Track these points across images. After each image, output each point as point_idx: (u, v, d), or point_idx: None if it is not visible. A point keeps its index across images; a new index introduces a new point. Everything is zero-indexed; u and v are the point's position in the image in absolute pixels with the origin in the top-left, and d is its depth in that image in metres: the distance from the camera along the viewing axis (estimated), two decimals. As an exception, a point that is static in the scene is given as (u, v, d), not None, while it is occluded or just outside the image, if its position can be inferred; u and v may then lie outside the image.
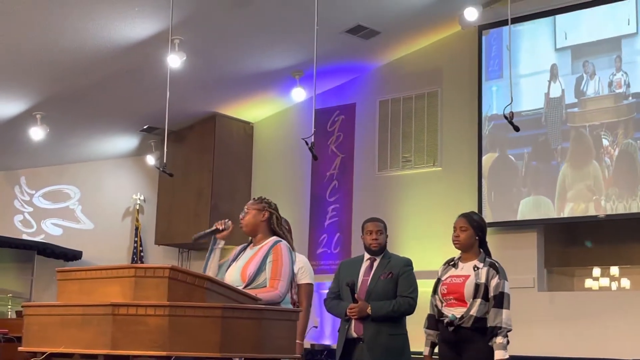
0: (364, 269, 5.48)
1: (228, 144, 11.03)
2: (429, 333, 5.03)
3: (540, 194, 8.59)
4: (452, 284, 4.88)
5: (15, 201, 12.52)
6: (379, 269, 5.40)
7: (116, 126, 11.16)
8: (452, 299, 4.84)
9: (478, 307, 4.75)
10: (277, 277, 4.57)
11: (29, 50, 8.77)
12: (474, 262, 4.90)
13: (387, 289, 5.32)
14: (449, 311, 4.84)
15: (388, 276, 5.35)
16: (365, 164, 10.20)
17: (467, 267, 4.90)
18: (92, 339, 3.67)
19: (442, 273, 5.02)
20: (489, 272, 4.82)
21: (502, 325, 4.71)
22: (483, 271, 4.82)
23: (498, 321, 4.72)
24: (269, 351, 3.88)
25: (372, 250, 5.46)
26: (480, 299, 4.76)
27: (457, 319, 4.77)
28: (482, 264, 4.87)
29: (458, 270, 4.94)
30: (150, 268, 3.82)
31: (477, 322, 4.74)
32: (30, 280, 11.68)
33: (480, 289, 4.77)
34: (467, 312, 4.76)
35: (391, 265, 5.40)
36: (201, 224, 10.72)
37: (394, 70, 10.13)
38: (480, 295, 4.76)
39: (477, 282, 4.79)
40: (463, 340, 4.77)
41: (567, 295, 8.78)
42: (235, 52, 9.28)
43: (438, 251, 8.80)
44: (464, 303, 4.79)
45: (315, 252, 10.38)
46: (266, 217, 4.83)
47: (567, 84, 8.56)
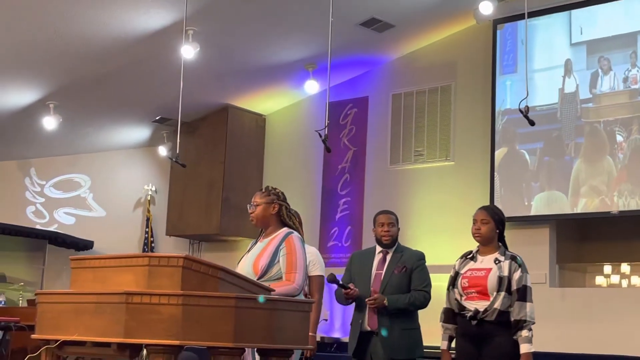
0: (377, 262, 5.45)
1: (240, 136, 11.02)
2: (447, 327, 4.98)
3: (552, 189, 8.56)
4: (473, 277, 4.83)
5: (27, 192, 12.56)
6: (392, 262, 5.37)
7: (129, 117, 11.18)
8: (474, 292, 4.79)
9: (502, 301, 4.71)
10: (293, 270, 4.58)
11: (42, 40, 8.77)
12: (495, 255, 4.85)
13: (402, 283, 5.30)
14: (471, 305, 4.79)
15: (402, 270, 5.32)
16: (377, 158, 10.18)
17: (488, 260, 4.86)
18: (106, 327, 3.67)
19: (460, 266, 4.96)
20: (511, 265, 4.78)
21: (527, 319, 4.68)
22: (505, 264, 4.79)
23: (523, 314, 4.68)
24: (281, 342, 3.87)
25: (384, 243, 5.43)
26: (504, 292, 4.73)
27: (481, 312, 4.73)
28: (504, 257, 4.83)
29: (478, 263, 4.89)
30: (164, 257, 3.82)
31: (500, 315, 4.71)
32: (41, 270, 11.71)
33: (504, 282, 4.74)
34: (491, 306, 4.72)
35: (404, 259, 5.37)
36: (212, 215, 10.75)
37: (408, 64, 10.10)
38: (503, 289, 4.73)
39: (501, 275, 4.75)
40: (485, 334, 4.74)
41: (579, 292, 8.75)
42: (249, 43, 9.27)
43: (450, 245, 8.80)
44: (486, 296, 4.75)
45: (326, 245, 10.37)
46: (276, 209, 4.82)
47: (581, 79, 8.52)
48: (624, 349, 7.74)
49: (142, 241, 11.76)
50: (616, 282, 9.25)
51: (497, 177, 8.92)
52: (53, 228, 12.13)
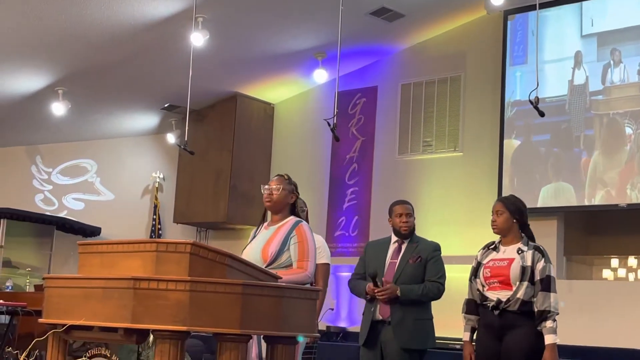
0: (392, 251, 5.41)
1: (248, 124, 11.02)
2: (469, 318, 4.93)
3: (561, 181, 8.54)
4: (496, 267, 4.79)
5: (34, 181, 12.59)
6: (407, 252, 5.33)
7: (137, 104, 11.18)
8: (496, 282, 4.75)
9: (525, 291, 4.68)
10: (304, 258, 4.62)
11: (52, 26, 8.77)
12: (518, 246, 4.82)
13: (416, 274, 5.25)
14: (493, 295, 4.76)
15: (417, 260, 5.27)
16: (385, 148, 10.16)
17: (510, 250, 4.82)
18: (113, 313, 3.67)
19: (483, 257, 4.92)
20: (534, 255, 4.74)
21: (551, 309, 4.64)
22: (528, 254, 4.75)
23: (547, 305, 4.65)
24: (288, 329, 3.87)
25: (402, 233, 5.39)
26: (527, 282, 4.70)
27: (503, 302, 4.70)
28: (527, 247, 4.80)
29: (500, 253, 4.85)
30: (172, 243, 3.81)
31: (522, 305, 4.68)
32: (49, 255, 11.75)
33: (527, 272, 4.70)
34: (514, 295, 4.68)
35: (419, 249, 5.33)
36: (220, 203, 10.76)
37: (417, 54, 10.07)
38: (526, 279, 4.69)
39: (524, 264, 4.72)
40: (507, 325, 4.71)
41: (586, 284, 8.73)
42: (259, 31, 9.25)
43: (458, 236, 8.80)
44: (508, 286, 4.71)
45: (333, 235, 10.37)
46: (293, 200, 4.87)
47: (591, 71, 8.48)
48: (630, 342, 7.72)
49: (149, 228, 11.78)
50: (623, 275, 9.23)
51: (505, 168, 8.90)
52: (63, 214, 12.17)
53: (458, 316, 5.14)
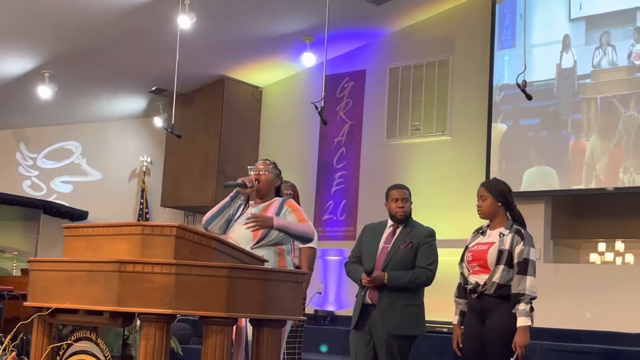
0: (386, 235, 5.37)
1: (236, 108, 10.98)
2: (458, 302, 4.93)
3: (548, 165, 8.55)
4: (477, 251, 4.79)
5: (20, 168, 12.51)
6: (401, 237, 5.29)
7: (124, 87, 11.12)
8: (477, 266, 4.75)
9: (501, 274, 4.68)
10: (305, 220, 4.83)
11: (39, 9, 8.70)
12: (501, 229, 4.82)
13: (406, 259, 5.21)
14: (473, 278, 4.77)
15: (408, 246, 5.23)
16: (373, 132, 10.15)
17: (494, 234, 4.81)
18: (98, 296, 3.65)
19: (471, 241, 4.93)
20: (513, 239, 4.73)
21: (525, 292, 4.64)
22: (508, 237, 4.74)
23: (521, 288, 4.64)
24: (274, 312, 3.86)
25: (398, 218, 5.36)
26: (504, 265, 4.69)
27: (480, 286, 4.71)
28: (508, 231, 4.80)
29: (485, 237, 4.85)
30: (157, 226, 3.79)
31: (499, 289, 4.67)
32: (35, 239, 11.70)
33: (504, 255, 4.69)
34: (490, 279, 4.68)
35: (413, 234, 5.28)
36: (207, 187, 10.73)
37: (406, 38, 10.04)
38: (503, 262, 4.68)
39: (501, 248, 4.71)
40: (486, 308, 4.71)
41: (573, 268, 8.76)
42: (246, 14, 9.20)
43: (446, 220, 8.80)
44: (486, 269, 4.71)
45: (321, 219, 10.36)
46: (278, 184, 5.00)
47: (580, 55, 8.48)
48: (616, 326, 7.75)
49: (137, 212, 11.75)
50: (610, 259, 9.26)
51: (493, 152, 8.90)
52: (52, 198, 12.12)
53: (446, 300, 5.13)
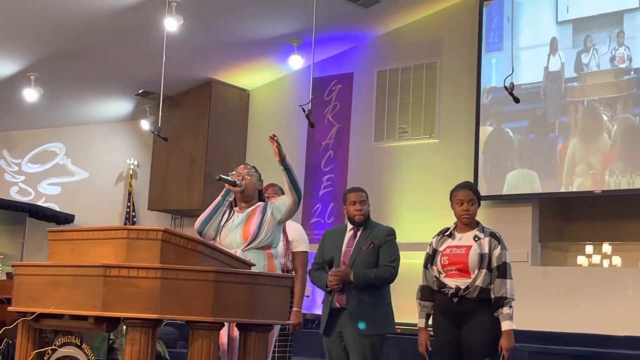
0: (347, 239, 5.36)
1: (223, 111, 10.95)
2: (424, 305, 4.91)
3: (536, 168, 8.55)
4: (453, 254, 4.76)
5: (5, 175, 12.45)
6: (362, 239, 5.29)
7: (111, 90, 11.07)
8: (454, 269, 4.73)
9: (483, 278, 4.67)
10: None
11: (24, 10, 8.64)
12: (474, 232, 4.80)
13: (370, 260, 5.21)
14: (451, 282, 4.74)
15: (370, 246, 5.24)
16: (361, 134, 10.13)
17: (467, 237, 4.80)
18: (83, 300, 3.62)
19: (438, 244, 4.90)
20: (491, 242, 4.74)
21: (507, 296, 4.65)
22: (485, 241, 4.74)
23: (503, 292, 4.65)
24: (261, 317, 3.83)
25: (356, 221, 5.36)
26: (485, 269, 4.69)
27: (462, 290, 4.69)
28: (483, 234, 4.79)
29: (457, 240, 4.82)
30: (143, 230, 3.76)
31: (481, 292, 4.67)
32: (21, 243, 11.63)
33: (485, 259, 4.69)
34: (473, 283, 4.67)
35: (373, 234, 5.28)
36: (194, 190, 10.69)
37: (393, 40, 10.03)
38: (485, 266, 4.69)
39: (481, 252, 4.71)
40: (466, 312, 4.70)
41: (561, 270, 8.76)
42: (233, 17, 9.17)
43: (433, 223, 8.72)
44: (466, 274, 4.70)
45: (309, 222, 10.34)
46: (261, 187, 5.06)
47: (567, 57, 8.48)
48: (604, 328, 7.76)
49: (123, 215, 11.70)
50: (597, 261, 9.27)
51: (481, 155, 8.90)
52: (42, 202, 12.07)
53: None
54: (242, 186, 4.87)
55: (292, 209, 4.85)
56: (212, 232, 4.87)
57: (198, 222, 4.90)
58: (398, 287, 5.50)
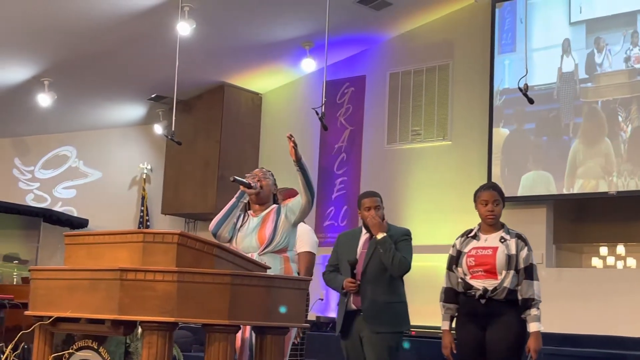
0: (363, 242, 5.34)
1: (236, 114, 10.96)
2: (448, 307, 4.88)
3: (550, 169, 8.52)
4: (480, 255, 4.73)
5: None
6: None
7: (124, 94, 11.10)
8: (481, 271, 4.70)
9: (511, 279, 4.66)
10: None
11: (37, 16, 8.68)
12: (499, 234, 4.77)
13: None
14: (478, 283, 4.72)
15: None
16: (374, 137, 10.13)
17: (492, 238, 4.77)
18: (100, 304, 3.63)
19: (462, 245, 4.86)
20: (517, 244, 4.71)
21: (535, 297, 4.64)
22: (512, 242, 4.71)
23: (530, 293, 4.64)
24: (277, 319, 3.84)
25: None
26: (513, 270, 4.67)
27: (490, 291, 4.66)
28: (509, 236, 4.76)
29: (482, 242, 4.79)
30: (159, 233, 3.77)
31: (509, 294, 4.66)
32: (36, 247, 11.69)
33: (512, 260, 4.67)
34: (501, 285, 4.64)
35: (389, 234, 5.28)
36: (208, 194, 10.70)
37: (405, 43, 10.02)
38: (512, 267, 4.67)
39: (509, 253, 4.69)
40: (493, 313, 4.67)
41: (575, 272, 8.73)
42: (246, 21, 9.19)
43: (447, 225, 8.77)
44: (493, 275, 4.67)
45: (322, 225, 10.34)
46: (276, 191, 5.10)
47: (580, 58, 8.46)
48: (619, 330, 7.73)
49: (137, 220, 11.72)
50: (612, 263, 9.24)
51: (494, 157, 8.88)
52: (59, 206, 12.14)
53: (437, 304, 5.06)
54: (256, 188, 4.89)
55: (305, 209, 4.86)
56: (227, 233, 4.89)
57: (212, 224, 4.92)
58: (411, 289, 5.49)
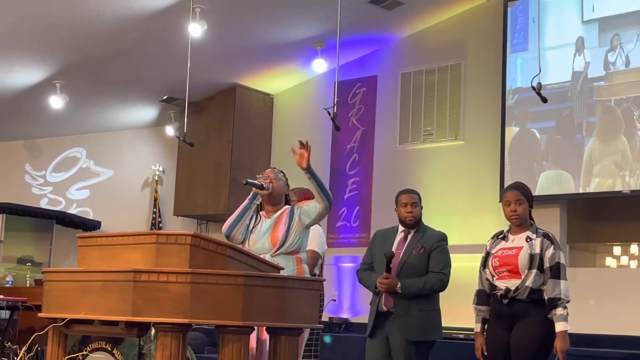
0: (398, 241, 5.29)
1: (248, 116, 10.96)
2: (480, 309, 4.82)
3: (563, 168, 8.48)
4: (504, 255, 4.68)
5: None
6: (412, 242, 5.21)
7: (136, 96, 11.12)
8: (505, 271, 4.65)
9: (533, 279, 4.60)
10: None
11: (49, 18, 8.71)
12: (526, 234, 4.72)
13: (419, 264, 5.14)
14: (502, 284, 4.68)
15: (420, 251, 5.16)
16: (386, 137, 10.10)
17: (519, 239, 4.72)
18: (113, 306, 3.63)
19: (492, 246, 4.81)
20: (543, 243, 4.66)
21: (561, 297, 4.57)
22: (537, 242, 4.66)
23: (557, 292, 4.56)
24: (291, 320, 3.83)
25: (407, 223, 5.29)
26: (536, 269, 4.62)
27: (512, 291, 4.62)
28: (535, 235, 4.71)
29: (509, 242, 4.74)
30: (172, 235, 3.77)
31: (532, 293, 4.59)
32: (49, 250, 11.72)
33: (535, 259, 4.61)
34: (522, 284, 4.59)
35: (425, 239, 5.21)
36: (220, 195, 10.71)
37: (417, 42, 10.00)
38: (535, 266, 4.59)
39: (532, 252, 4.63)
40: (517, 314, 4.63)
41: (589, 272, 8.68)
42: (257, 21, 9.18)
43: (460, 225, 8.75)
44: (517, 275, 4.63)
45: (335, 226, 10.32)
46: (288, 192, 5.09)
47: (593, 57, 8.41)
48: (634, 329, 7.69)
49: (149, 221, 11.73)
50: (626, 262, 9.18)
51: (507, 156, 8.85)
52: (74, 208, 12.20)
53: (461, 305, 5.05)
54: (269, 189, 4.87)
55: (322, 214, 4.86)
56: (240, 235, 4.88)
57: (225, 226, 4.91)
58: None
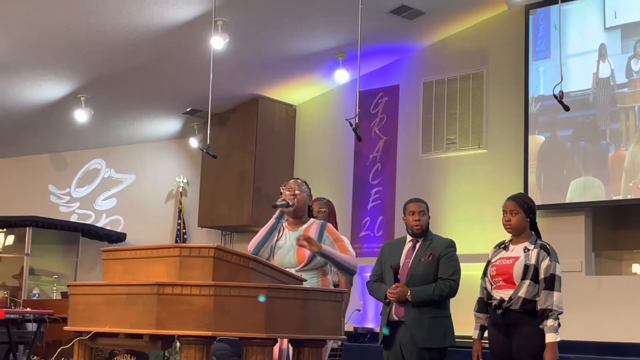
0: (406, 250, 5.34)
1: (270, 127, 11.00)
2: (479, 316, 4.91)
3: (588, 176, 8.44)
4: (501, 265, 4.75)
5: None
6: (421, 250, 5.26)
7: (159, 109, 11.20)
8: (501, 280, 4.72)
9: (526, 289, 4.62)
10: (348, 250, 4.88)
11: (73, 32, 8.80)
12: (525, 244, 4.78)
13: (428, 272, 5.17)
14: (498, 293, 4.72)
15: (429, 258, 5.20)
16: (408, 146, 10.10)
17: (518, 249, 4.78)
18: (137, 319, 3.66)
19: (493, 255, 4.89)
20: (539, 254, 4.69)
21: (552, 308, 4.59)
22: (534, 252, 4.70)
23: (549, 303, 4.60)
24: (314, 332, 3.83)
25: (415, 232, 5.33)
26: (529, 280, 4.64)
27: (506, 301, 4.65)
28: (533, 246, 4.75)
29: (508, 252, 4.81)
30: (195, 248, 3.79)
31: (525, 304, 4.62)
32: (75, 262, 11.81)
33: (530, 270, 4.65)
34: (515, 294, 4.64)
35: (433, 246, 5.26)
36: (243, 206, 10.75)
37: (439, 51, 9.99)
38: (529, 277, 4.64)
39: (527, 263, 4.67)
40: (512, 324, 4.66)
41: (615, 280, 8.62)
42: (278, 33, 9.23)
43: (483, 234, 8.71)
44: (512, 285, 4.67)
45: (358, 235, 10.32)
46: (311, 202, 5.08)
47: (616, 64, 8.37)
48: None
49: (174, 233, 11.80)
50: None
51: (530, 165, 8.81)
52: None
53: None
54: (295, 205, 4.88)
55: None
56: (267, 254, 4.88)
57: (252, 245, 4.89)
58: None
